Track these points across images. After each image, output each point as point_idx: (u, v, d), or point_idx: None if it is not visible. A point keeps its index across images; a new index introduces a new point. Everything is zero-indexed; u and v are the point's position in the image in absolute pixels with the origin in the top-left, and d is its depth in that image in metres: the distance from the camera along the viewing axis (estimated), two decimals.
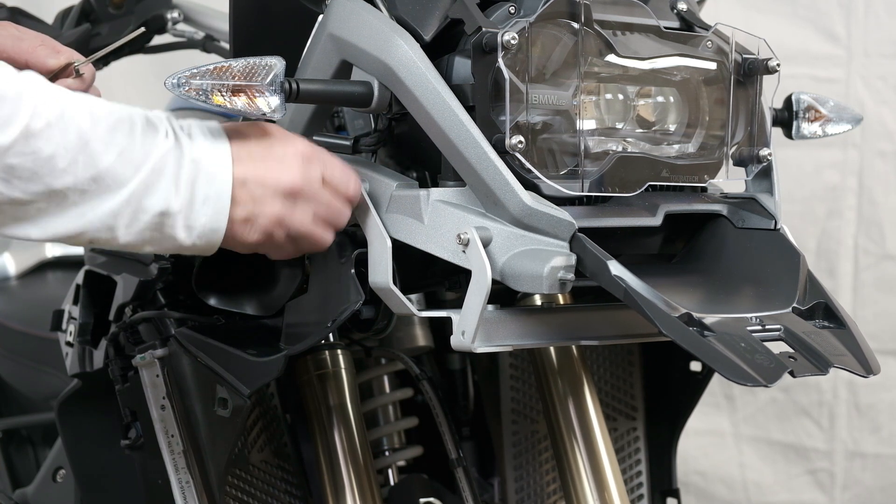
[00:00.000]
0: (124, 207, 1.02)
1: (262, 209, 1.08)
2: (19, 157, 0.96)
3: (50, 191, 0.99)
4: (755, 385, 1.01)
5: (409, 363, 1.46)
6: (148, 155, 1.02)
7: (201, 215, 1.05)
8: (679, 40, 1.18)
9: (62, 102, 0.99)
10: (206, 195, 1.05)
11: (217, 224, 1.06)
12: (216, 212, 1.06)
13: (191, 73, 1.07)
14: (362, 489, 1.39)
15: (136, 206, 1.02)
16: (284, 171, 1.09)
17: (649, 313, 1.03)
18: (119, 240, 1.04)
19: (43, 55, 1.24)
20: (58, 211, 1.00)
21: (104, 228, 1.02)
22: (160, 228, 1.04)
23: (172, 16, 1.87)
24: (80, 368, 1.52)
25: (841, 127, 1.34)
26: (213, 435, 1.33)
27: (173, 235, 1.05)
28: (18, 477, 2.04)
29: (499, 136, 1.08)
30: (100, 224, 1.02)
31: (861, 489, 2.71)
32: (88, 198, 1.00)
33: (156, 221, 1.03)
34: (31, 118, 0.96)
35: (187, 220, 1.05)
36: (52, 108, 0.98)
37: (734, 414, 2.75)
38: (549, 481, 1.64)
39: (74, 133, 0.99)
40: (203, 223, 1.06)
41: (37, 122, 0.97)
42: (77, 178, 0.99)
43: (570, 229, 1.08)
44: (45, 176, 0.98)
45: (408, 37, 1.13)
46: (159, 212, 1.03)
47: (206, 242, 1.07)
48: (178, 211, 1.04)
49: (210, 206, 1.05)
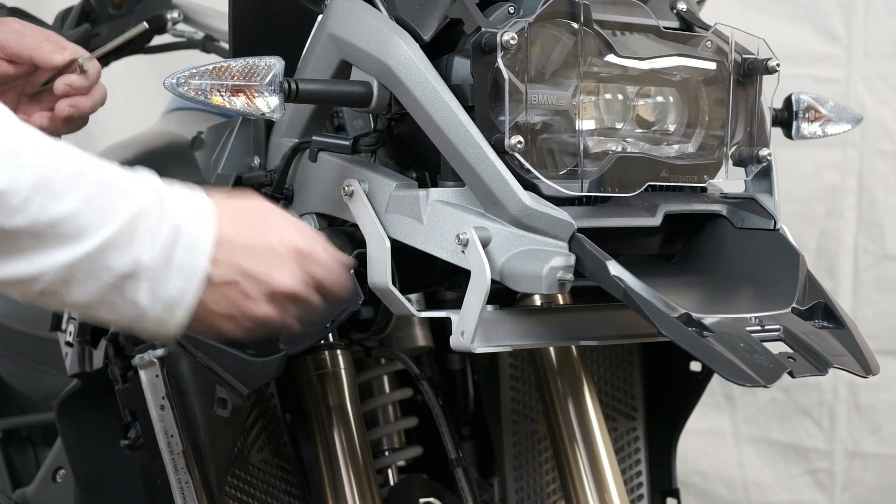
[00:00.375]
0: (83, 262, 0.91)
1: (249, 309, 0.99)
2: None
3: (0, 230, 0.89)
4: (754, 385, 1.01)
5: (408, 363, 1.46)
6: (123, 208, 0.92)
7: (171, 286, 0.95)
8: (679, 40, 1.18)
9: (21, 137, 0.90)
10: (180, 264, 0.95)
11: (185, 297, 0.95)
12: (187, 283, 0.95)
13: (190, 73, 1.07)
14: (362, 489, 1.39)
15: (98, 263, 0.92)
16: (280, 271, 1.00)
17: (648, 313, 1.03)
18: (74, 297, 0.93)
19: (47, 51, 1.22)
20: (9, 253, 0.90)
21: (59, 281, 0.92)
22: (121, 292, 0.93)
23: (172, 16, 1.87)
24: (80, 368, 1.52)
25: (841, 127, 1.34)
26: (212, 435, 1.33)
27: (135, 300, 0.94)
28: (18, 477, 2.04)
29: (498, 136, 1.08)
30: (55, 275, 0.91)
31: (861, 489, 2.71)
32: (44, 244, 0.90)
33: (117, 284, 0.93)
34: None
35: (154, 288, 0.94)
36: (7, 140, 0.89)
37: (734, 414, 2.74)
38: (549, 481, 1.64)
39: (32, 171, 0.89)
40: (171, 294, 0.95)
41: None
42: (31, 219, 0.89)
43: (569, 229, 1.08)
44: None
45: (407, 37, 1.13)
46: (123, 273, 0.93)
47: (169, 316, 0.96)
48: (147, 275, 0.93)
49: (183, 276, 0.95)
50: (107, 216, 0.92)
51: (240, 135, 1.37)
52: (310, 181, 1.25)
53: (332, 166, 1.21)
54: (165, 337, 0.99)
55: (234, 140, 1.37)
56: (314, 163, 1.23)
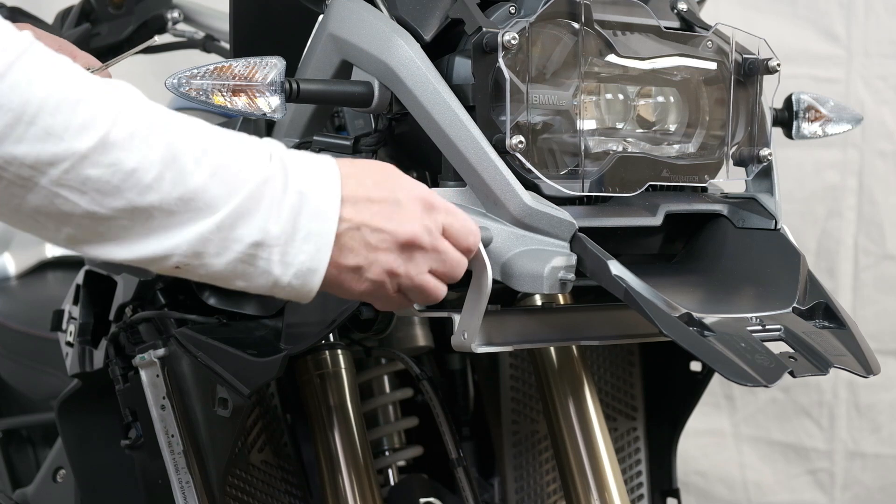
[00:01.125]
0: (215, 234, 0.92)
1: (375, 258, 0.98)
2: (97, 167, 0.88)
3: (133, 208, 0.90)
4: (755, 385, 1.01)
5: (409, 363, 1.46)
6: (247, 178, 0.93)
7: (301, 252, 0.95)
8: (679, 40, 1.18)
9: (151, 114, 0.91)
10: (308, 231, 0.95)
11: (317, 264, 0.96)
12: (317, 250, 0.96)
13: (191, 73, 1.07)
14: (362, 489, 1.39)
15: (228, 234, 0.93)
16: (404, 220, 0.99)
17: (649, 313, 1.03)
18: (208, 268, 0.94)
19: None
20: (142, 231, 0.91)
21: (192, 254, 0.93)
22: (253, 261, 0.94)
23: (172, 16, 1.87)
24: (80, 368, 1.52)
25: (841, 127, 1.34)
26: (213, 435, 1.33)
27: (268, 270, 0.95)
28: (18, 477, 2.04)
29: (499, 136, 1.08)
30: (188, 249, 0.92)
31: (861, 489, 2.71)
32: (177, 220, 0.91)
33: (249, 253, 0.94)
34: (112, 126, 0.88)
35: (284, 256, 0.95)
36: (138, 117, 0.90)
37: (734, 414, 2.75)
38: (549, 481, 1.64)
39: (162, 146, 0.90)
40: (301, 261, 0.95)
41: (118, 132, 0.88)
42: (163, 196, 0.90)
43: (570, 229, 1.08)
44: (127, 191, 0.89)
45: (408, 37, 1.13)
46: (253, 242, 0.93)
47: (302, 283, 0.96)
48: (275, 243, 0.94)
49: (312, 243, 0.95)
50: (234, 188, 0.92)
51: None
52: None
53: None
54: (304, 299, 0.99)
55: None
56: None
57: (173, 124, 0.92)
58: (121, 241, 0.92)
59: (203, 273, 0.95)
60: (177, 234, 0.92)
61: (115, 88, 0.91)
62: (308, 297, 0.98)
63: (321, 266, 0.97)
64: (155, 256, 0.93)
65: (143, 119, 0.90)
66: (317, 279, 0.97)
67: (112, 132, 0.88)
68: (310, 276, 0.97)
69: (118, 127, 0.88)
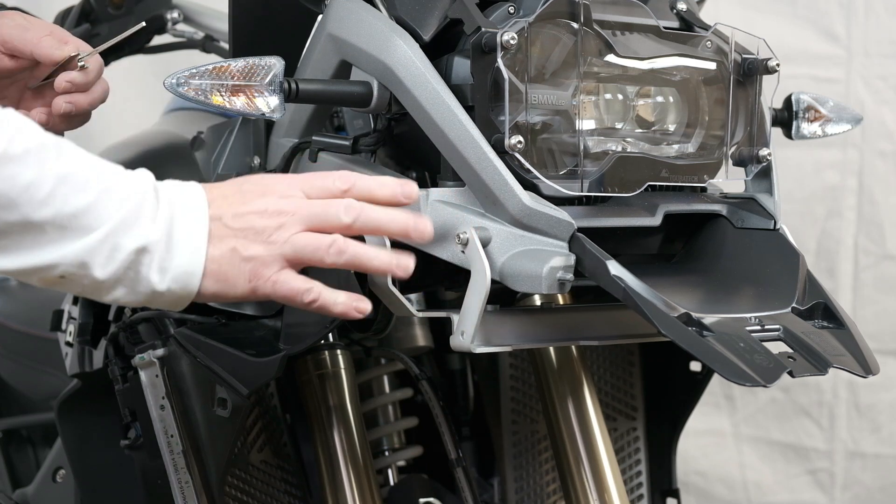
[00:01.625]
0: (102, 244, 0.97)
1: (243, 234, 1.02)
2: None
3: (27, 222, 0.95)
4: (754, 385, 1.01)
5: (408, 363, 1.46)
6: (129, 196, 0.98)
7: (176, 255, 1.00)
8: (679, 40, 1.18)
9: (44, 136, 0.96)
10: (181, 235, 1.00)
11: (193, 266, 1.00)
12: (192, 251, 1.00)
13: (190, 73, 1.07)
14: (362, 489, 1.39)
15: (114, 243, 0.97)
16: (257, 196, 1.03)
17: (648, 313, 1.03)
18: (91, 278, 0.98)
19: (48, 46, 1.21)
20: (33, 245, 0.96)
21: (78, 264, 0.97)
22: (135, 267, 0.99)
23: (172, 16, 1.87)
24: (80, 368, 1.52)
25: (841, 127, 1.34)
26: (212, 435, 1.33)
27: (147, 277, 0.99)
28: (18, 477, 2.04)
29: (498, 136, 1.08)
30: (74, 259, 0.97)
31: (861, 489, 2.71)
32: (66, 234, 0.96)
33: (132, 259, 0.98)
34: (9, 143, 0.93)
35: (162, 262, 0.99)
36: (31, 137, 0.95)
37: (734, 414, 2.74)
38: (549, 481, 1.64)
39: (56, 166, 0.95)
40: (178, 264, 1.00)
41: (14, 148, 0.93)
42: (56, 211, 0.95)
43: (569, 229, 1.08)
44: (22, 205, 0.94)
45: (407, 37, 1.13)
46: (136, 248, 0.98)
47: (181, 286, 1.01)
48: (155, 249, 0.99)
49: (186, 245, 1.00)
50: (119, 204, 0.97)
51: (240, 135, 1.37)
52: None
53: (332, 166, 1.21)
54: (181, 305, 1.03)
55: (234, 140, 1.37)
56: (314, 163, 1.23)
57: (64, 147, 0.97)
58: (9, 253, 0.96)
59: (86, 283, 0.99)
60: (64, 247, 0.97)
61: (9, 112, 0.96)
62: (185, 302, 1.03)
63: (197, 268, 1.01)
64: (41, 266, 0.97)
65: (36, 139, 0.95)
66: (194, 281, 1.01)
67: (9, 148, 0.93)
68: (188, 280, 1.01)
69: (15, 143, 0.93)
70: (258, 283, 1.02)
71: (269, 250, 1.02)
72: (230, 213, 1.02)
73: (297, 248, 1.02)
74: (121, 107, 2.49)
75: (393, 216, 1.04)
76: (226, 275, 1.02)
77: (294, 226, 1.02)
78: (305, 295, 1.04)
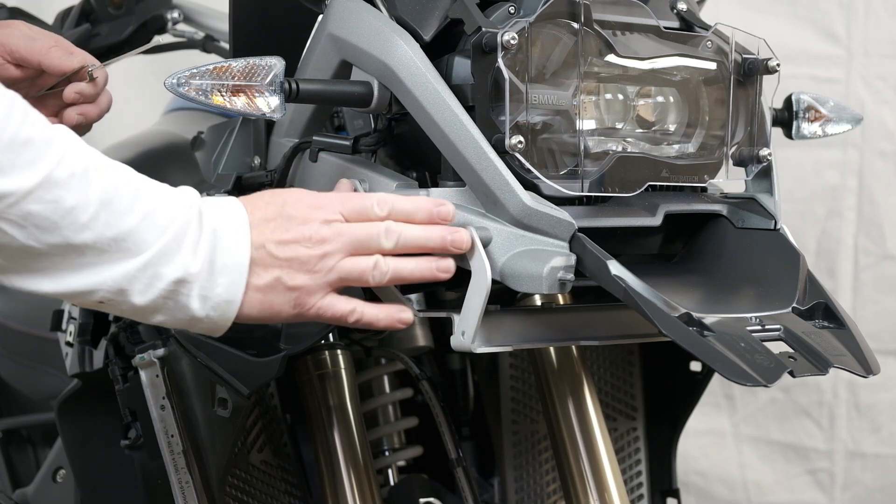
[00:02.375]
0: (141, 272, 0.98)
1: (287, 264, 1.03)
2: (39, 203, 0.93)
3: (67, 244, 0.95)
4: (755, 385, 1.01)
5: (408, 363, 1.46)
6: (171, 222, 0.99)
7: (217, 285, 1.01)
8: (679, 40, 1.18)
9: (90, 158, 0.96)
10: (223, 264, 1.01)
11: (233, 295, 1.02)
12: (233, 282, 1.02)
13: (191, 73, 1.07)
14: (362, 489, 1.39)
15: (154, 272, 0.98)
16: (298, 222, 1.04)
17: (649, 313, 1.03)
18: (131, 304, 1.00)
19: (56, 57, 1.23)
20: (72, 268, 0.97)
21: (116, 291, 0.99)
22: (174, 297, 1.00)
23: (172, 16, 1.87)
24: (80, 368, 1.52)
25: (841, 127, 1.34)
26: (212, 435, 1.33)
27: (187, 305, 1.01)
28: (18, 477, 2.04)
29: (498, 136, 1.08)
30: (112, 285, 0.98)
31: (861, 489, 2.71)
32: (106, 258, 0.97)
33: (171, 289, 1.00)
34: (56, 166, 0.93)
35: (203, 290, 1.01)
36: (79, 160, 0.95)
37: (734, 414, 2.74)
38: (549, 481, 1.64)
39: (99, 189, 0.96)
40: (218, 293, 1.02)
41: (61, 171, 0.94)
42: (98, 235, 0.96)
43: (569, 229, 1.08)
44: (64, 228, 0.94)
45: (407, 37, 1.13)
46: (176, 279, 0.99)
47: (220, 315, 1.03)
48: (195, 280, 1.00)
49: (227, 275, 1.01)
50: (161, 230, 0.98)
51: (240, 135, 1.37)
52: (310, 181, 1.25)
53: (333, 166, 1.21)
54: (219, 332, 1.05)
55: (235, 140, 1.37)
56: (314, 163, 1.23)
57: (109, 169, 0.98)
58: (50, 275, 0.97)
59: (125, 308, 1.01)
60: (104, 272, 0.98)
61: (59, 131, 0.96)
62: (223, 328, 1.04)
63: (237, 297, 1.02)
64: (80, 291, 0.98)
65: (82, 161, 0.96)
66: (233, 309, 1.03)
67: (55, 171, 0.93)
68: (227, 308, 1.03)
69: (61, 167, 0.94)
70: (303, 309, 1.05)
71: (315, 279, 1.04)
72: (273, 241, 1.03)
73: (342, 274, 1.05)
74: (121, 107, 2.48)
75: (430, 235, 1.07)
76: (270, 303, 1.04)
77: (338, 254, 1.05)
78: (350, 316, 1.06)
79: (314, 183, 1.24)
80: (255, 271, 1.03)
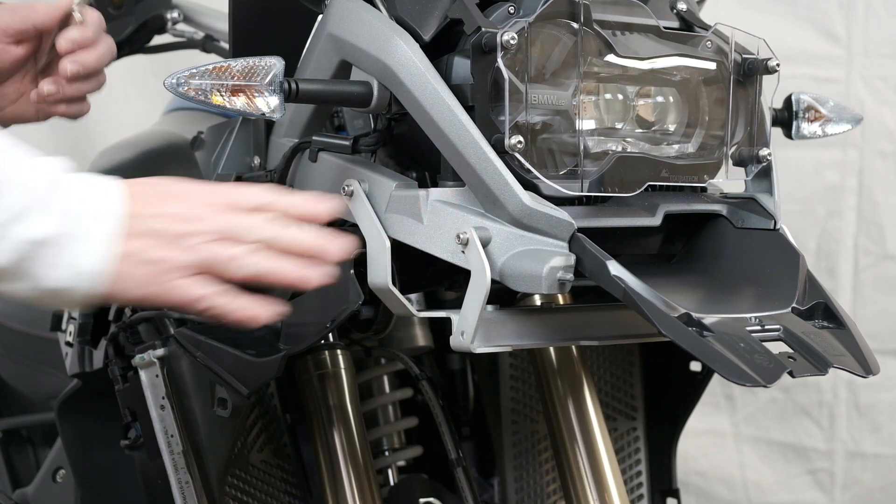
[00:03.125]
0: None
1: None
2: None
3: None
4: (754, 385, 1.01)
5: (408, 363, 1.46)
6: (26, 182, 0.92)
7: (81, 253, 0.94)
8: (679, 40, 1.18)
9: None
10: (87, 229, 0.94)
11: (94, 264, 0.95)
12: (93, 250, 0.95)
13: (190, 73, 1.07)
14: (362, 489, 1.39)
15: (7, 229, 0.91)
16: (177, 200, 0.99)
17: (648, 313, 1.03)
18: None
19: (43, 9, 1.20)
20: None
21: None
22: (30, 260, 0.93)
23: (172, 16, 1.87)
24: (80, 368, 1.52)
25: (841, 127, 1.34)
26: (212, 435, 1.33)
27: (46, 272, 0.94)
28: (18, 477, 2.04)
29: (498, 136, 1.08)
30: None
31: (861, 489, 2.71)
32: None
33: (25, 250, 0.92)
34: None
35: (62, 256, 0.94)
36: None
37: (734, 414, 2.74)
38: (549, 481, 1.64)
39: None
40: (82, 261, 0.95)
41: None
42: None
43: (569, 229, 1.08)
44: None
45: (407, 37, 1.13)
46: (29, 239, 0.92)
47: (88, 285, 0.95)
48: (53, 244, 0.93)
49: (89, 242, 0.95)
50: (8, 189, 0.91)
51: (240, 135, 1.37)
52: (310, 181, 1.25)
53: (332, 166, 1.22)
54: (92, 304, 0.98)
55: (234, 140, 1.37)
56: (314, 163, 1.23)
57: None
58: None
59: None
60: None
61: None
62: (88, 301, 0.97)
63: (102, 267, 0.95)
64: None
65: None
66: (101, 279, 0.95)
67: None
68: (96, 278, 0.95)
69: None
70: (157, 288, 0.98)
71: (175, 256, 0.98)
72: (146, 214, 0.97)
73: (204, 256, 0.99)
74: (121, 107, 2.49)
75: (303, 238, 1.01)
76: (131, 275, 0.97)
77: (205, 235, 0.99)
78: (198, 303, 1.00)
79: (314, 183, 1.24)
80: (122, 241, 0.96)
